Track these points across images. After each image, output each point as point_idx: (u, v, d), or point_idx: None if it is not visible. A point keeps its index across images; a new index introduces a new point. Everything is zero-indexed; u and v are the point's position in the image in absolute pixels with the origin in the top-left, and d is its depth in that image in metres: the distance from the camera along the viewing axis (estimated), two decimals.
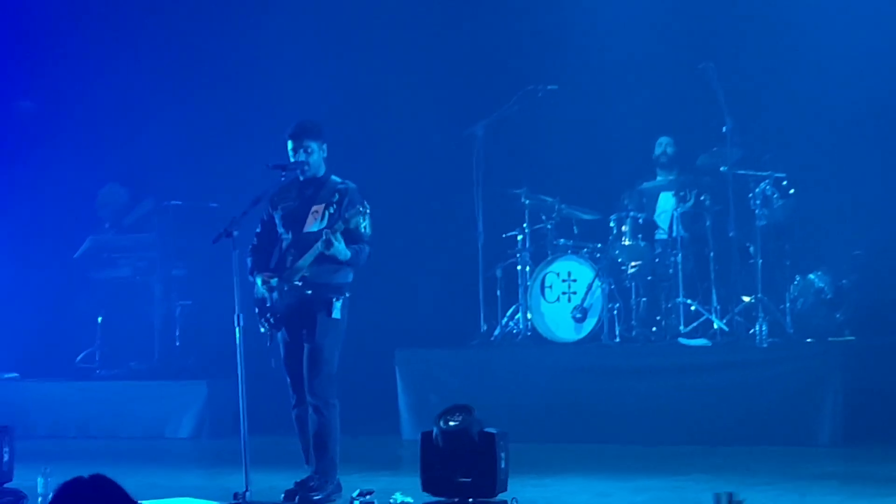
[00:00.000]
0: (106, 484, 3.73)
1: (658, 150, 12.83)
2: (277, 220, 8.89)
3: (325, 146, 8.87)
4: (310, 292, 8.66)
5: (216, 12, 14.17)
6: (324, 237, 8.48)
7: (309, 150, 8.79)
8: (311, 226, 8.74)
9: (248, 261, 8.86)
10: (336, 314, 8.69)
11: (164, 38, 14.38)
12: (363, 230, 8.60)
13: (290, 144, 8.81)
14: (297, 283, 8.66)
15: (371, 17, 13.97)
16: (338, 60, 13.75)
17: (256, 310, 8.76)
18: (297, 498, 8.57)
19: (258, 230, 8.96)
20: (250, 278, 8.78)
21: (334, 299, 8.68)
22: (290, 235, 8.82)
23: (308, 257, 8.60)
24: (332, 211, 8.71)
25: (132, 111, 14.34)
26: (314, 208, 8.77)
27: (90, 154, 14.31)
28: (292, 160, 8.79)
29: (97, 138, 14.34)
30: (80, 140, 14.41)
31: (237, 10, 14.21)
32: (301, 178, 8.84)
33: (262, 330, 8.78)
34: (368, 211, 8.58)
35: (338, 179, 8.87)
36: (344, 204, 8.69)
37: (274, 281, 8.70)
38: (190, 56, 14.18)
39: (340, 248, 8.49)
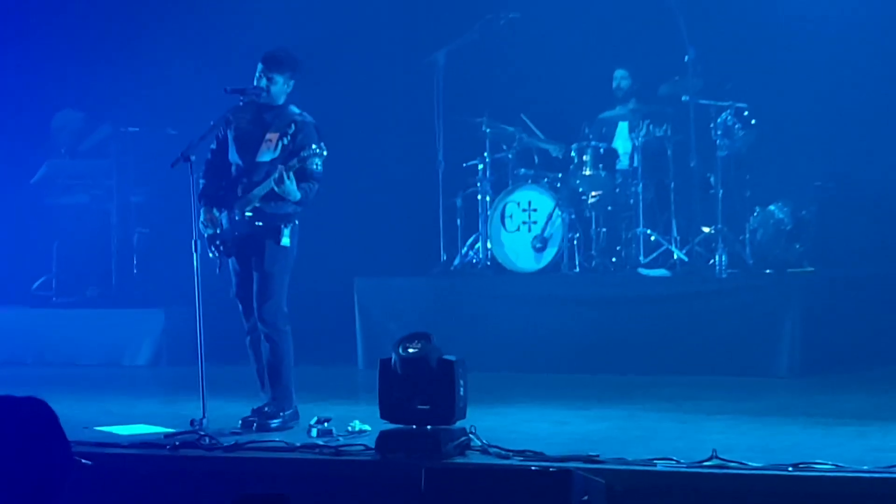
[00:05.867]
0: (37, 407, 3.61)
1: (614, 84, 12.80)
2: (230, 141, 8.82)
3: (291, 82, 8.80)
4: (259, 224, 8.63)
5: None
6: (276, 174, 8.44)
7: (273, 81, 8.73)
8: (264, 154, 8.69)
9: (201, 182, 8.81)
10: (284, 241, 8.67)
11: None
12: (314, 167, 8.56)
13: (258, 67, 8.75)
14: (247, 213, 8.62)
15: None
16: None
17: (205, 235, 8.71)
18: (254, 425, 8.56)
19: (213, 147, 8.90)
20: (199, 203, 8.71)
21: (283, 226, 8.65)
22: (241, 162, 8.77)
23: (259, 191, 8.58)
24: (285, 142, 8.65)
25: (88, 35, 14.15)
26: (268, 136, 8.71)
27: (46, 79, 14.14)
28: (254, 84, 8.72)
29: (53, 62, 14.15)
30: (36, 64, 14.21)
31: None
32: (258, 102, 8.77)
33: (211, 255, 8.75)
34: (325, 153, 8.52)
35: (296, 110, 8.80)
36: (298, 138, 8.63)
37: (219, 216, 8.67)
38: None
39: (291, 189, 8.47)
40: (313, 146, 8.49)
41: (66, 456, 3.59)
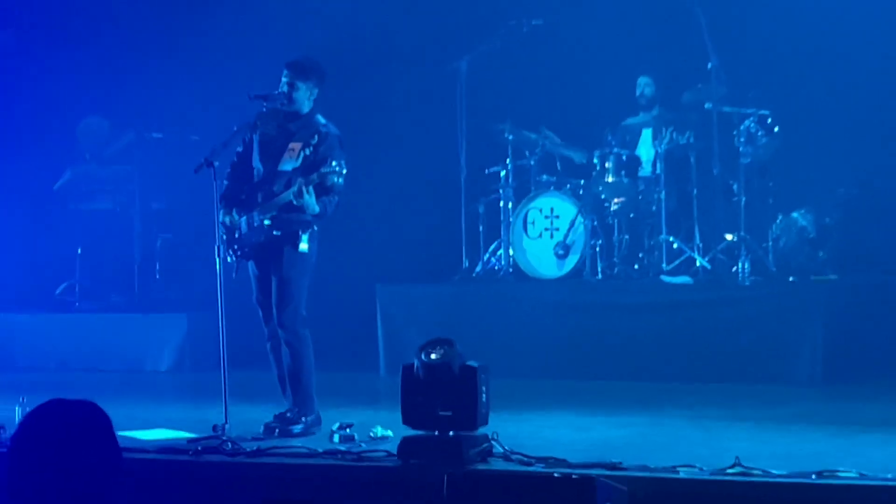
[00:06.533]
0: (90, 410, 3.63)
1: (637, 91, 12.79)
2: (255, 146, 8.85)
3: (315, 89, 8.82)
4: (277, 232, 8.65)
5: None
6: (295, 188, 8.46)
7: (295, 87, 8.76)
8: (286, 163, 8.73)
9: (224, 184, 8.84)
10: (303, 247, 8.69)
11: None
12: (335, 181, 8.56)
13: (282, 74, 8.78)
14: (266, 221, 8.64)
15: None
16: None
17: (224, 237, 8.73)
18: (276, 431, 8.57)
19: (239, 150, 8.94)
20: (220, 204, 8.73)
21: (300, 231, 8.66)
22: (263, 168, 8.80)
23: (279, 200, 8.61)
24: (307, 153, 8.67)
25: (114, 42, 14.20)
26: (291, 145, 8.74)
27: (71, 86, 14.18)
28: (277, 90, 8.75)
29: (78, 70, 14.19)
30: (61, 72, 14.26)
31: None
32: (285, 110, 8.79)
33: (230, 260, 8.77)
34: (344, 171, 8.52)
35: (322, 121, 8.82)
36: (320, 150, 8.64)
37: (239, 220, 8.70)
38: None
39: (310, 203, 8.49)
40: (333, 163, 8.48)
41: (117, 459, 3.60)
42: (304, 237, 8.70)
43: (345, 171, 8.55)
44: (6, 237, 14.21)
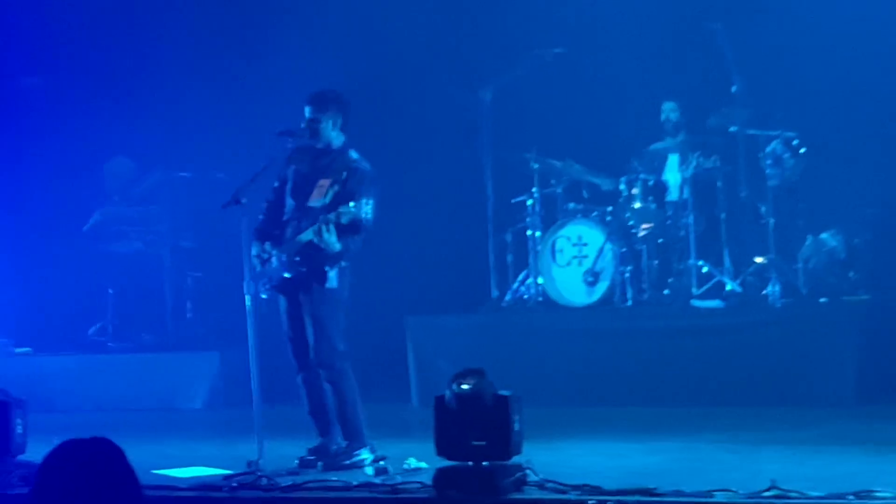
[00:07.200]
0: (105, 447, 3.64)
1: (662, 116, 12.80)
2: (289, 181, 8.89)
3: (338, 119, 8.84)
4: (304, 268, 8.67)
5: None
6: (316, 226, 8.49)
7: (317, 120, 8.80)
8: (315, 200, 8.75)
9: (259, 218, 8.90)
10: (331, 284, 8.68)
11: (168, 6, 14.30)
12: (364, 216, 8.54)
13: (305, 109, 8.84)
14: (295, 258, 8.66)
15: None
16: (346, 26, 13.67)
17: (257, 271, 8.75)
18: (319, 464, 8.57)
19: (275, 185, 8.98)
20: (253, 237, 8.77)
21: (327, 268, 8.66)
22: (294, 204, 8.84)
23: (303, 237, 8.63)
24: (337, 189, 8.68)
25: (138, 83, 14.27)
26: (321, 182, 8.77)
27: (97, 127, 14.25)
28: (302, 126, 8.80)
29: (104, 111, 14.27)
30: (87, 114, 14.34)
31: None
32: (317, 147, 8.82)
33: (263, 296, 8.78)
34: (368, 208, 8.50)
35: (354, 156, 8.84)
36: (348, 185, 8.66)
37: (270, 254, 8.73)
38: (196, 26, 14.09)
39: (331, 241, 8.51)
40: (351, 204, 8.46)
41: (137, 494, 3.62)
42: (332, 274, 8.70)
43: (369, 208, 8.53)
44: (38, 280, 14.27)
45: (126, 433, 10.33)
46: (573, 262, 12.38)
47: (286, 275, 8.73)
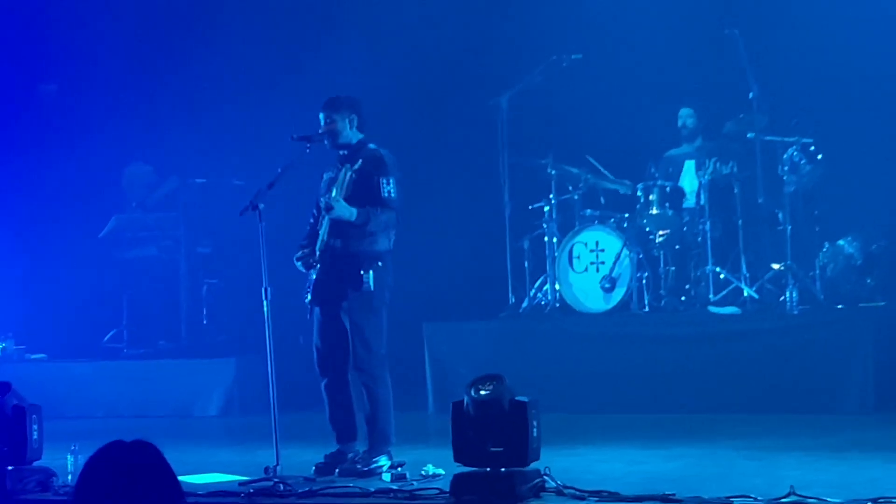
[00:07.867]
0: (148, 450, 3.65)
1: (679, 122, 12.78)
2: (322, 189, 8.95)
3: (353, 118, 8.88)
4: (338, 267, 8.64)
5: None
6: (323, 203, 8.53)
7: (332, 121, 8.85)
8: (334, 190, 8.77)
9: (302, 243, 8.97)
10: (368, 287, 8.65)
11: (185, 14, 14.32)
12: (386, 194, 8.59)
13: (320, 116, 8.89)
14: (326, 258, 8.65)
15: None
16: (362, 32, 13.68)
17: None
18: (336, 471, 8.55)
19: (314, 211, 8.97)
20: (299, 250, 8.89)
21: (362, 271, 8.64)
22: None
23: (324, 228, 8.63)
24: (352, 176, 8.68)
25: (155, 90, 14.30)
26: (340, 176, 8.80)
27: (114, 134, 14.28)
28: (319, 131, 8.82)
29: (121, 118, 14.31)
30: (105, 120, 14.37)
31: None
32: (341, 153, 8.84)
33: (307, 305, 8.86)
34: (389, 182, 8.56)
35: (373, 147, 8.88)
36: (367, 168, 8.70)
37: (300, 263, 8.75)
38: (214, 32, 14.09)
39: (341, 208, 8.52)
40: (334, 190, 8.57)
41: (179, 498, 3.62)
42: (368, 277, 8.68)
43: (391, 187, 8.64)
44: (54, 286, 14.29)
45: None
46: (590, 269, 12.36)
47: (321, 278, 8.68)
